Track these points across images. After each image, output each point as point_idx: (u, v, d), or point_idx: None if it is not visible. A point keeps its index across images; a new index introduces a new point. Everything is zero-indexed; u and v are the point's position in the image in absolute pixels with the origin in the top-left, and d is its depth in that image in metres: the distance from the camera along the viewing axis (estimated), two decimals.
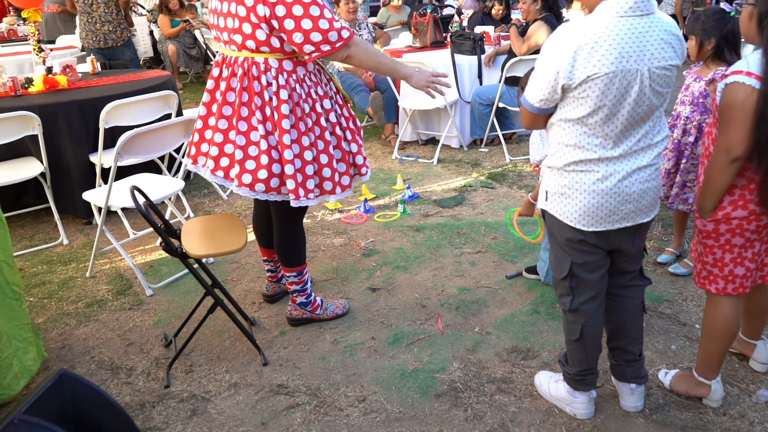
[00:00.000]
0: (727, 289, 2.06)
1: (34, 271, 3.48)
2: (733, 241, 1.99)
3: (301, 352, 2.63)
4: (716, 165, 1.91)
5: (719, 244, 2.02)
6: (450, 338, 2.69)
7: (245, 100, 2.35)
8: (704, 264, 2.09)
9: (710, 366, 2.17)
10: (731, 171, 1.88)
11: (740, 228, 1.97)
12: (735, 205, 1.95)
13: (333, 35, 2.22)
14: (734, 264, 2.02)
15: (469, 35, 5.37)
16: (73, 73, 4.43)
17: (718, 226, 1.99)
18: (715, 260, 2.05)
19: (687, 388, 2.24)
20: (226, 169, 2.41)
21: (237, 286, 3.22)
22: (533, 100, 1.88)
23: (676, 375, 2.30)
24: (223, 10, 2.29)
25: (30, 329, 2.48)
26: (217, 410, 2.31)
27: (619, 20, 1.73)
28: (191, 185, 4.71)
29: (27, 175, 3.61)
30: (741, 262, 2.02)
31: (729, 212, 1.96)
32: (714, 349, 2.14)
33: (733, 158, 1.85)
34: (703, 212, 2.01)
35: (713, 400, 2.20)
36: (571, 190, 1.90)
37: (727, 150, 1.86)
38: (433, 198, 4.31)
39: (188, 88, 8.91)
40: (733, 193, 1.95)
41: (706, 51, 2.74)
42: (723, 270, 2.04)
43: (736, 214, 1.95)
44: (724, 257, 2.03)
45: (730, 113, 1.83)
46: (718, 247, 2.03)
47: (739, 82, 1.80)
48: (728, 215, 1.96)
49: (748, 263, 2.02)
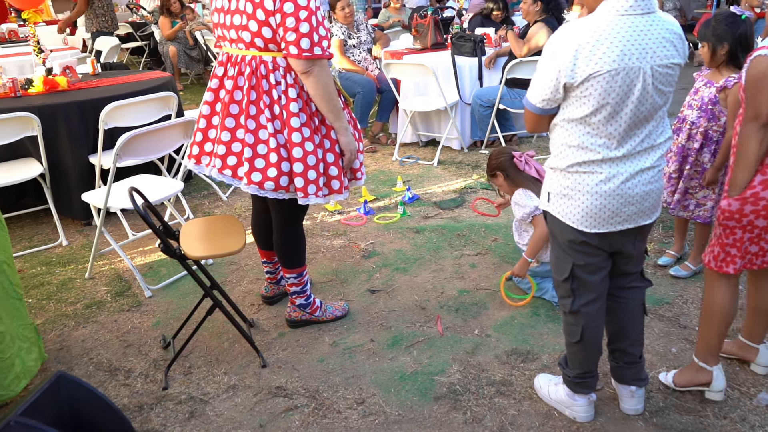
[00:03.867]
0: (740, 267, 2.11)
1: (33, 272, 3.48)
2: (756, 222, 2.04)
3: (300, 354, 2.62)
4: (747, 134, 1.98)
5: (741, 224, 2.06)
6: (449, 340, 2.68)
7: (253, 99, 2.34)
8: (723, 246, 2.12)
9: (710, 349, 2.20)
10: (762, 137, 1.95)
11: (766, 210, 2.01)
12: (765, 186, 1.99)
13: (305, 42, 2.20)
14: (750, 242, 2.08)
15: (469, 37, 5.37)
16: (73, 74, 4.43)
17: (744, 206, 2.03)
18: (735, 240, 2.09)
19: (689, 379, 2.25)
20: (234, 168, 2.41)
21: (236, 288, 3.21)
22: (535, 101, 1.87)
23: (677, 371, 2.31)
24: (231, 7, 2.28)
25: (33, 329, 2.48)
26: (216, 412, 2.31)
27: (620, 18, 1.72)
28: (191, 186, 4.71)
29: (26, 176, 3.61)
30: (757, 242, 2.07)
31: (758, 191, 2.00)
32: (713, 330, 2.18)
33: (763, 123, 1.93)
34: (735, 188, 2.05)
35: (715, 390, 2.21)
36: (574, 192, 1.89)
37: (756, 116, 1.94)
38: (433, 200, 4.31)
39: (189, 89, 8.91)
40: (765, 172, 1.99)
41: (720, 56, 2.70)
42: (741, 249, 2.09)
43: (765, 194, 2.00)
44: (743, 237, 2.07)
45: (756, 83, 1.92)
46: (740, 227, 2.07)
47: (762, 55, 1.91)
48: (756, 194, 2.00)
49: (763, 244, 2.08)
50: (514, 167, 2.95)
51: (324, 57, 2.26)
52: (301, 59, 2.22)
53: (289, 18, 2.17)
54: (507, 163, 2.96)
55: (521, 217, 2.92)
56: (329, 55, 2.28)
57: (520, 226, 3.03)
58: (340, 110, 2.41)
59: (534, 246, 2.86)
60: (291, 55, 2.23)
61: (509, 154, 2.97)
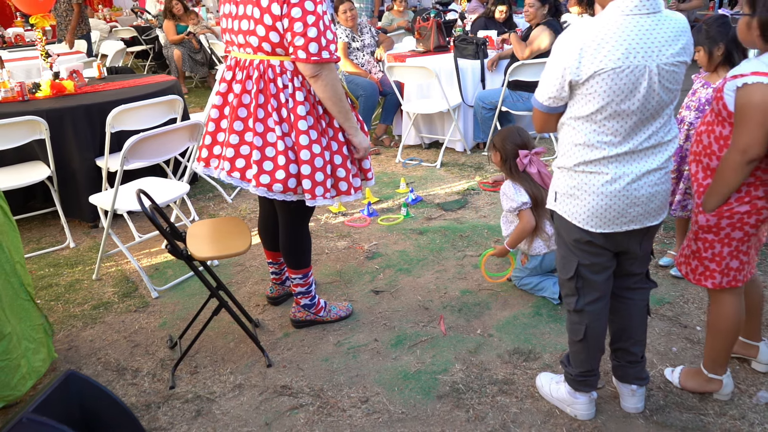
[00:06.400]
0: (722, 283, 2.08)
1: (41, 274, 3.52)
2: (733, 234, 2.02)
3: (305, 354, 2.66)
4: (730, 165, 1.91)
5: (719, 238, 2.05)
6: (452, 340, 2.71)
7: (261, 102, 2.38)
8: (701, 260, 2.11)
9: (718, 362, 2.20)
10: (745, 171, 1.90)
11: (741, 222, 2.00)
12: (741, 201, 1.98)
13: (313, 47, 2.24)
14: (730, 257, 2.05)
15: (472, 39, 5.40)
16: (79, 78, 4.48)
17: (720, 220, 2.02)
18: (713, 254, 2.07)
19: (698, 386, 2.26)
20: (243, 170, 2.44)
21: (241, 289, 3.25)
22: (542, 99, 1.90)
23: (684, 371, 2.32)
24: (239, 13, 2.32)
25: (42, 330, 2.52)
26: (222, 411, 2.34)
27: (625, 18, 1.75)
28: (196, 189, 4.74)
29: (34, 179, 3.66)
30: (736, 255, 2.05)
31: (733, 207, 1.99)
32: (720, 345, 2.17)
33: (750, 159, 1.87)
34: (708, 209, 2.03)
35: (723, 394, 2.23)
36: (580, 191, 1.91)
37: (744, 150, 1.86)
38: (436, 201, 4.33)
39: (193, 92, 8.96)
40: (740, 191, 1.98)
41: (717, 58, 2.73)
42: (720, 264, 2.07)
43: (739, 209, 1.99)
44: (722, 251, 2.06)
45: (748, 114, 1.83)
46: (718, 241, 2.05)
47: (758, 83, 1.80)
48: (732, 209, 2.00)
49: (742, 256, 2.06)
50: (513, 161, 2.97)
51: (332, 60, 2.29)
52: (309, 63, 2.26)
53: (296, 23, 2.20)
54: (510, 153, 2.97)
55: (508, 209, 2.97)
56: (337, 58, 2.32)
57: (507, 216, 3.08)
58: (349, 112, 2.45)
59: (515, 237, 2.95)
60: (299, 60, 2.27)
61: (515, 148, 2.97)
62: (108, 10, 12.58)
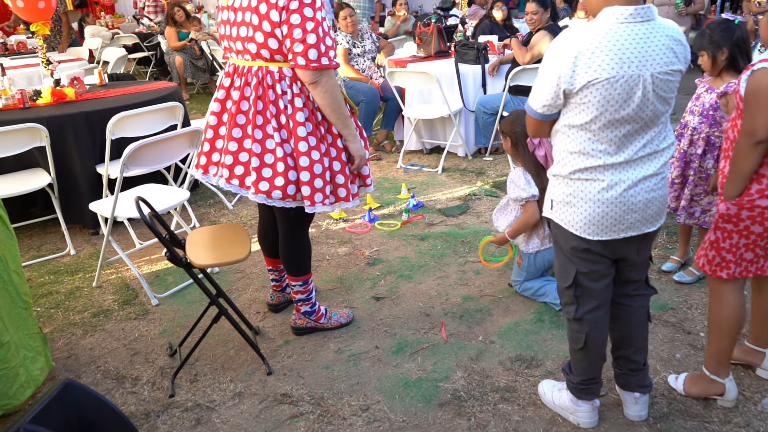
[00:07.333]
0: (735, 273, 2.11)
1: (41, 282, 3.51)
2: (752, 228, 2.05)
3: (305, 362, 2.64)
4: (740, 149, 1.98)
5: (738, 229, 2.07)
6: (454, 347, 2.69)
7: (260, 109, 2.37)
8: (719, 250, 2.13)
9: (720, 361, 2.20)
10: (755, 154, 1.95)
11: (761, 216, 2.02)
12: (762, 194, 2.00)
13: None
14: (746, 249, 2.09)
15: (473, 44, 5.40)
16: (80, 85, 4.48)
17: (741, 211, 2.04)
18: (731, 245, 2.10)
19: (701, 390, 2.25)
20: (241, 177, 2.43)
21: (241, 296, 3.23)
22: (536, 106, 1.89)
23: (688, 378, 2.31)
24: (237, 20, 2.32)
25: (39, 338, 2.50)
26: (221, 419, 2.32)
27: (620, 26, 1.74)
28: (196, 195, 4.74)
29: (35, 186, 3.65)
30: (753, 248, 2.08)
31: (754, 198, 2.01)
32: (722, 341, 2.17)
33: (757, 141, 1.93)
34: (728, 196, 2.06)
35: (728, 399, 2.21)
36: (576, 199, 1.90)
37: (751, 133, 1.94)
38: (438, 207, 4.32)
39: (195, 98, 8.98)
40: (761, 182, 2.00)
41: (720, 62, 2.73)
42: (736, 255, 2.10)
43: (760, 202, 2.01)
44: (739, 242, 2.08)
45: (756, 98, 1.92)
46: (737, 232, 2.08)
47: (765, 68, 1.89)
48: (752, 201, 2.01)
49: (758, 250, 2.09)
50: (524, 142, 2.92)
51: (331, 67, 2.29)
52: (308, 70, 2.26)
53: (296, 29, 2.20)
54: (521, 134, 2.91)
55: (514, 197, 2.93)
56: (336, 64, 2.31)
57: (504, 207, 3.05)
58: (348, 118, 2.44)
59: (517, 227, 2.93)
60: (298, 66, 2.26)
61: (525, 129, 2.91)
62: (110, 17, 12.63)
